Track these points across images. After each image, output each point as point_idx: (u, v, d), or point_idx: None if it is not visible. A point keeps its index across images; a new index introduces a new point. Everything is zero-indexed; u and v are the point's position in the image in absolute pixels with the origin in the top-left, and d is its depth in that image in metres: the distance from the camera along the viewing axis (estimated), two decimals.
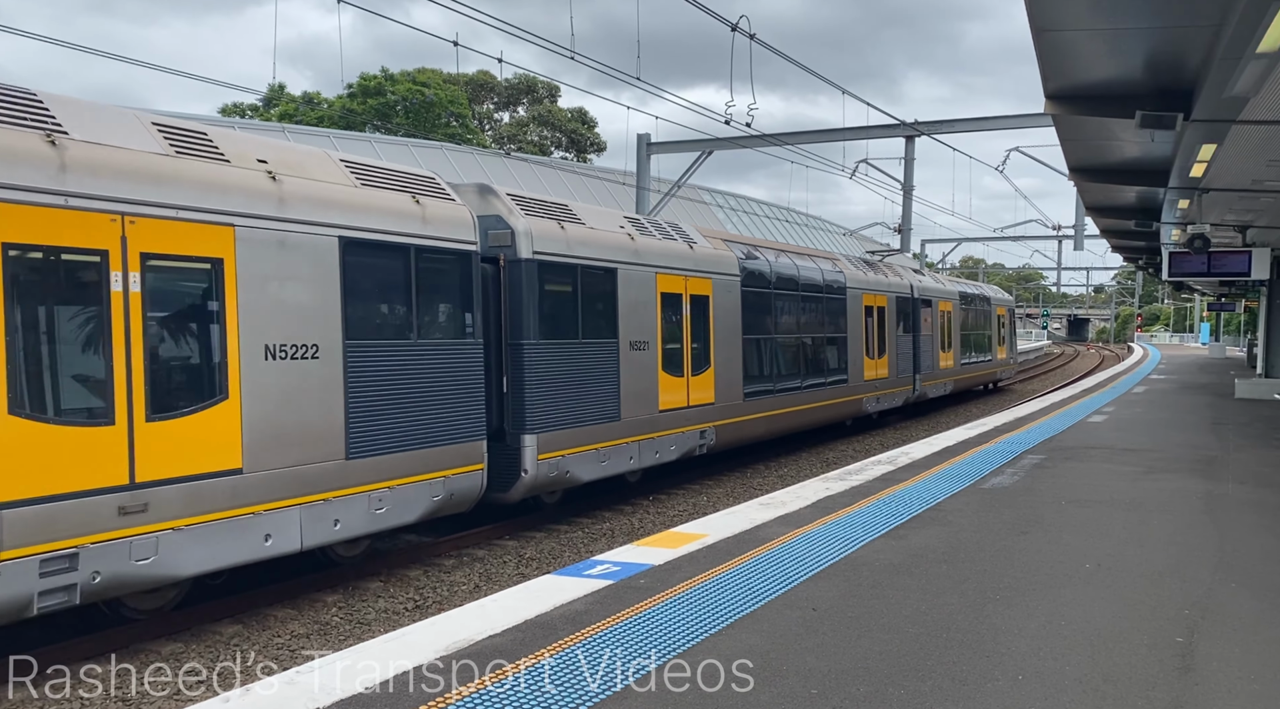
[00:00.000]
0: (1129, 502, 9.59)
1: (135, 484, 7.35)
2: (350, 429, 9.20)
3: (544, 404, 11.81)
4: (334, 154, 10.17)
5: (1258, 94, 8.62)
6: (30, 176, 6.81)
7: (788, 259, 19.44)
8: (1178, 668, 4.99)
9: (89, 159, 7.23)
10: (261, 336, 8.40)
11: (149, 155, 7.74)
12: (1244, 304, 49.55)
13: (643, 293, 13.96)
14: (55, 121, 7.25)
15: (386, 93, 49.88)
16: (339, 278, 9.14)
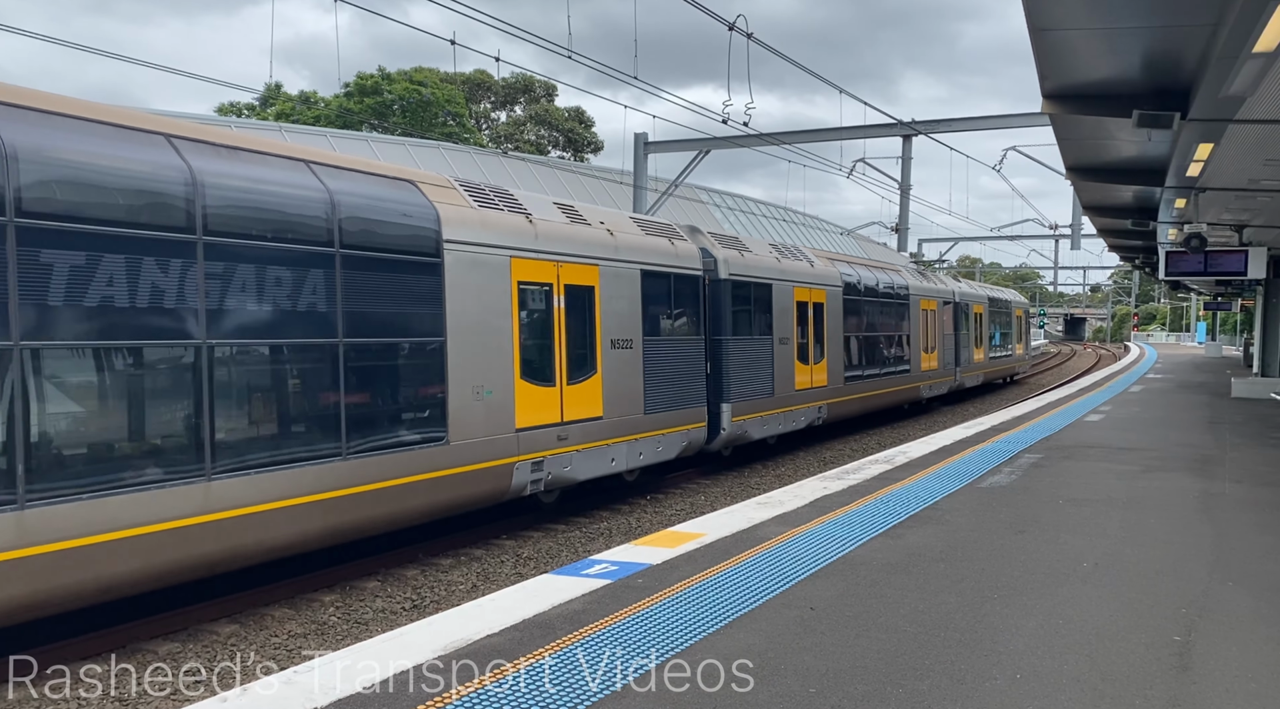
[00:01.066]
0: (1126, 501, 9.60)
1: (564, 422, 12.20)
2: (646, 394, 13.89)
3: (735, 382, 16.20)
4: (626, 212, 16.79)
5: (1255, 93, 8.64)
6: (525, 242, 11.72)
7: (869, 271, 23.80)
8: (1175, 666, 4.99)
9: (544, 232, 12.11)
10: (610, 334, 13.14)
11: (564, 225, 12.67)
12: (1240, 303, 49.65)
13: (785, 301, 18.27)
14: (527, 210, 12.11)
15: (383, 92, 49.86)
16: (640, 295, 13.81)
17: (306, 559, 9.43)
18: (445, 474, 10.33)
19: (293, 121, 42.23)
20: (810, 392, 19.20)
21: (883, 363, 23.40)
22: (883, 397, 23.51)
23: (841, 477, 11.12)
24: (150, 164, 7.82)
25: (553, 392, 12.03)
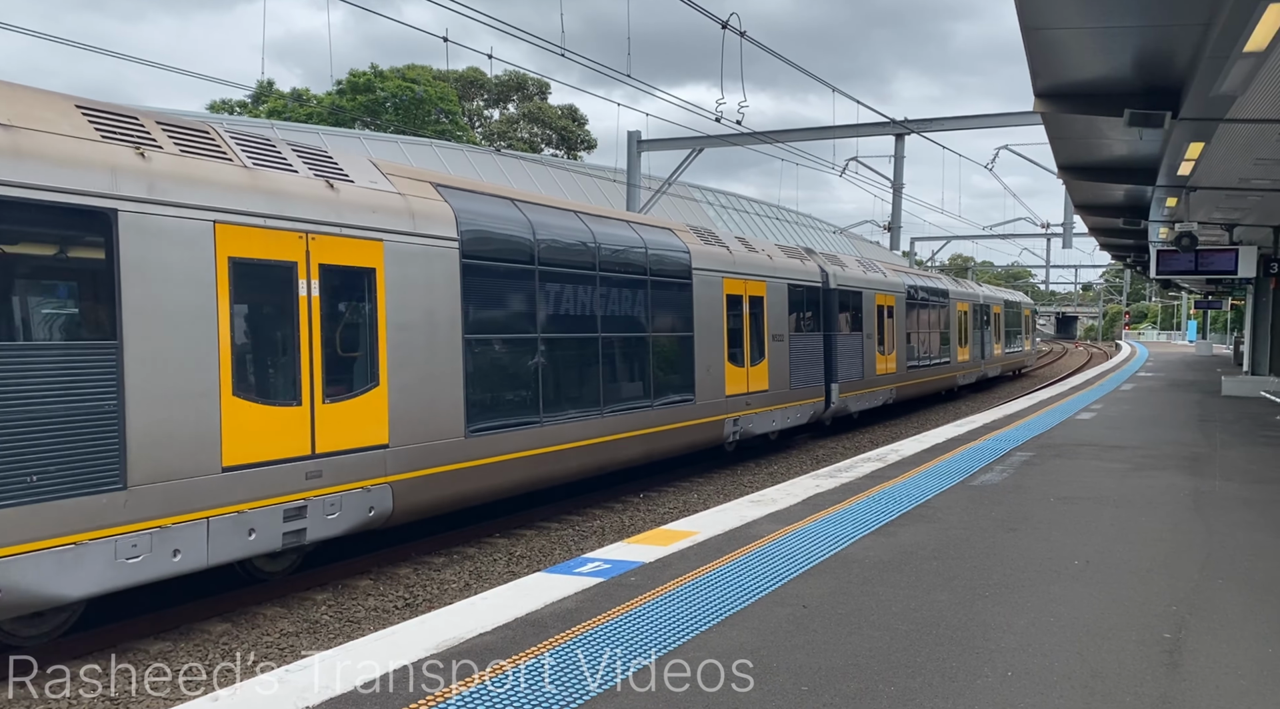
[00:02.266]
0: (1117, 498, 9.63)
1: (749, 392, 17.02)
2: (791, 375, 18.65)
3: (840, 368, 21.13)
4: (771, 241, 23.65)
5: (1245, 93, 8.68)
6: (729, 266, 16.69)
7: (922, 279, 29.29)
8: (1166, 664, 5.02)
9: (738, 259, 17.31)
10: (772, 330, 17.95)
11: (746, 253, 17.83)
12: (1230, 302, 49.85)
13: (870, 305, 23.32)
14: (727, 245, 17.43)
15: (376, 89, 49.74)
16: (786, 302, 18.63)
17: (304, 555, 9.41)
18: (693, 423, 15.48)
19: (285, 119, 42.11)
20: (886, 377, 24.29)
21: (932, 355, 28.67)
22: (933, 383, 28.95)
23: (834, 475, 11.14)
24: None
25: (743, 370, 17.02)
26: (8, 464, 6.60)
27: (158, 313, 7.61)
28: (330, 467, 8.98)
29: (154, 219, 7.61)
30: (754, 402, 17.25)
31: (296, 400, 8.75)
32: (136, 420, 7.37)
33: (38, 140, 7.03)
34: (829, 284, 20.96)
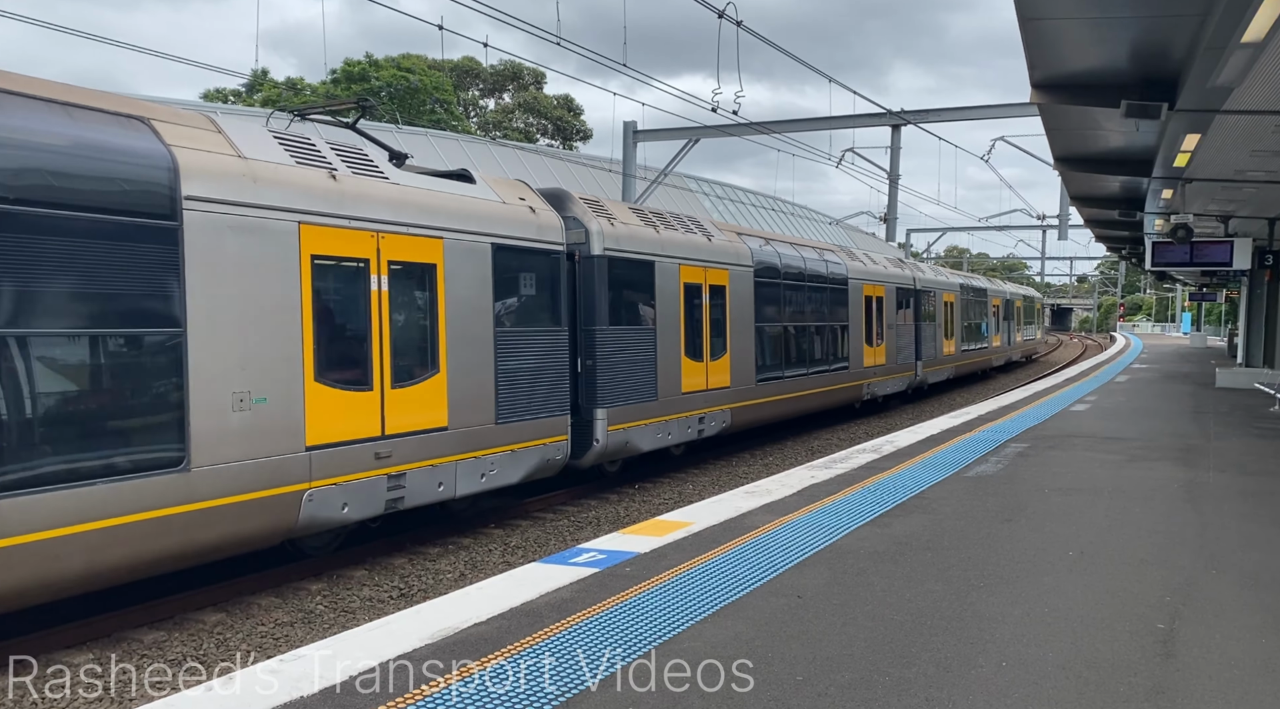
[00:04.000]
0: (1112, 490, 9.65)
1: (877, 366, 23.87)
2: (897, 355, 24.60)
3: (924, 350, 27.47)
4: (882, 253, 31.95)
5: (1242, 84, 8.67)
6: (866, 276, 24.11)
7: (971, 279, 37.31)
8: (1160, 654, 5.03)
9: (869, 271, 24.51)
10: (886, 321, 23.98)
11: (870, 265, 24.88)
12: (1225, 294, 49.93)
13: (940, 301, 29.67)
14: (860, 258, 24.86)
15: (371, 79, 49.55)
16: (895, 300, 24.92)
17: (301, 548, 9.39)
18: (846, 385, 21.90)
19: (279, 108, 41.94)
20: (949, 357, 30.82)
21: (976, 341, 34.95)
22: (977, 363, 35.27)
23: (829, 465, 11.15)
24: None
25: (874, 349, 23.39)
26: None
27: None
28: (950, 358, 30.29)
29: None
30: (877, 373, 23.75)
31: (949, 338, 29.80)
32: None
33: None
34: (916, 286, 27.28)
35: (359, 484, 9.20)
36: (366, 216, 9.38)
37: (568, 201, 13.17)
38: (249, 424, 8.17)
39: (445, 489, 10.33)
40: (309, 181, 8.95)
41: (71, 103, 7.37)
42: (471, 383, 10.63)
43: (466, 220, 10.65)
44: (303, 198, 8.80)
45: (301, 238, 8.75)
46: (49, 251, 6.92)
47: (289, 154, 8.98)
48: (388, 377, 9.55)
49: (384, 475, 9.46)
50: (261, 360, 8.32)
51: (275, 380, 8.45)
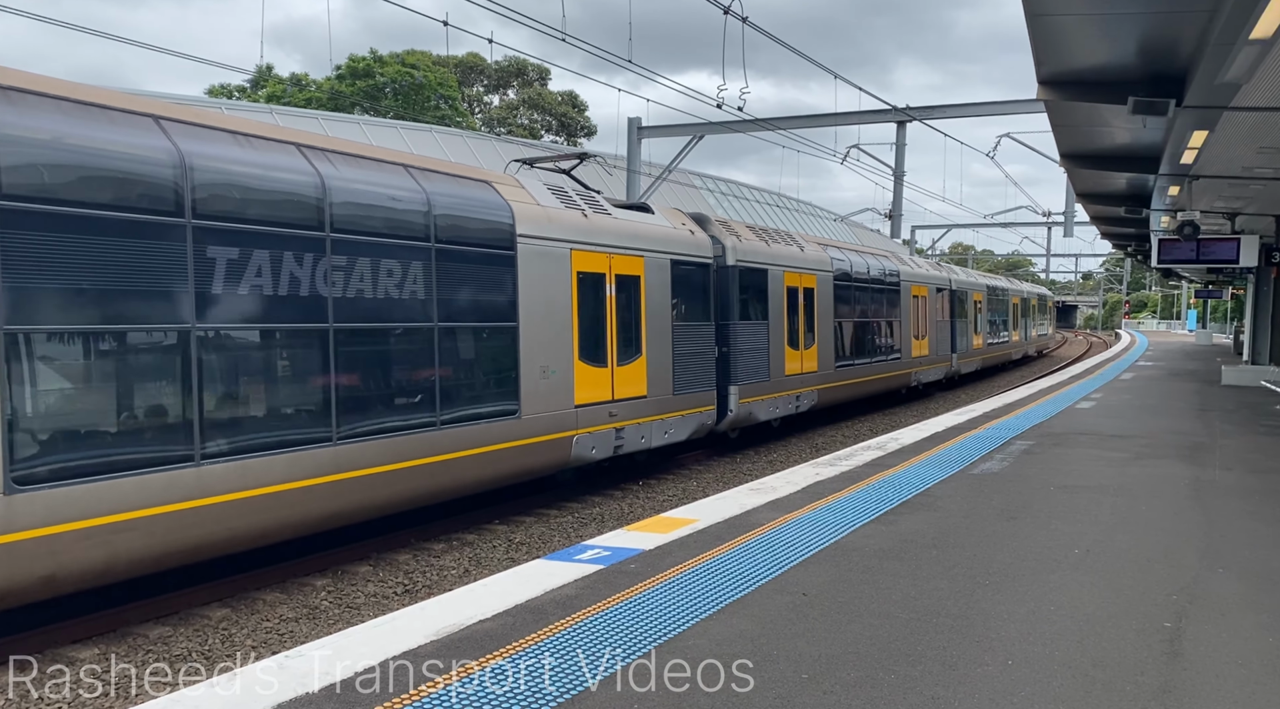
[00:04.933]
0: (1117, 488, 9.62)
1: (982, 349, 35.03)
2: (939, 347, 28.83)
3: (959, 345, 30.89)
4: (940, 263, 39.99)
5: (1250, 80, 8.62)
6: (961, 284, 32.83)
7: (1017, 284, 44.17)
8: (1166, 653, 5.01)
9: (962, 279, 33.41)
10: (918, 323, 26.73)
11: (969, 277, 35.85)
12: (1231, 291, 49.75)
13: (970, 300, 32.96)
14: (949, 274, 31.79)
15: (375, 75, 49.53)
16: (947, 301, 30.09)
17: (299, 543, 9.40)
18: (899, 373, 25.31)
19: (284, 104, 41.94)
20: (977, 351, 33.98)
21: (1000, 334, 38.56)
22: (1001, 357, 39.16)
23: (834, 463, 11.13)
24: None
25: (920, 342, 26.98)
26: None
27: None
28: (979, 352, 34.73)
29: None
30: (923, 363, 27.45)
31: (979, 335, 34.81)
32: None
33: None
34: (951, 286, 30.79)
35: (600, 433, 12.94)
36: (604, 242, 13.04)
37: (708, 223, 16.81)
38: (547, 388, 11.84)
39: (645, 441, 13.91)
40: (574, 220, 12.61)
41: (454, 174, 11.23)
42: (659, 364, 14.24)
43: (655, 242, 14.29)
44: (571, 231, 12.40)
45: (572, 259, 12.36)
46: (461, 274, 10.64)
47: (559, 201, 12.65)
48: (615, 357, 13.28)
49: (613, 428, 13.19)
50: (553, 344, 12.01)
51: (559, 358, 12.11)
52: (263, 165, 8.61)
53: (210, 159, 8.09)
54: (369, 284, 9.46)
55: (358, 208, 9.41)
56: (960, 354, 31.33)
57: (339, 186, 9.20)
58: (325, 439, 8.91)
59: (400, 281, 9.83)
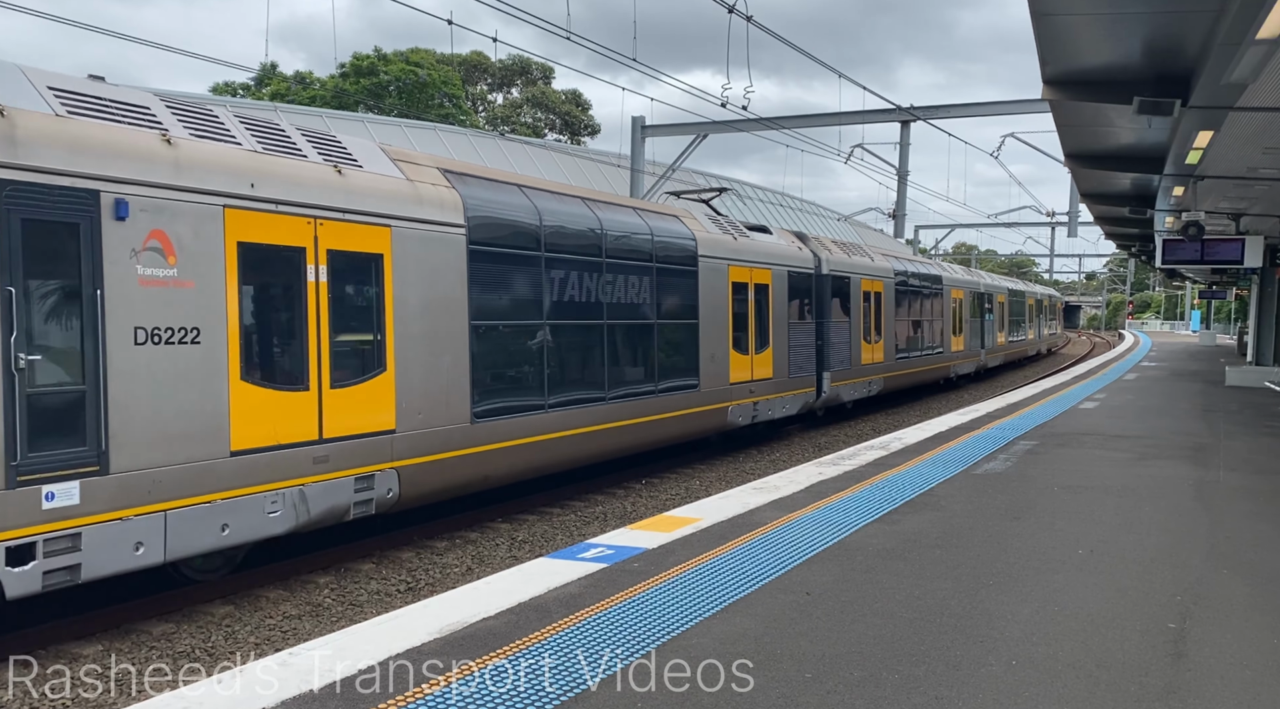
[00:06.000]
0: (1121, 488, 9.61)
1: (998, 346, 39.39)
2: (972, 342, 32.92)
3: (986, 340, 34.64)
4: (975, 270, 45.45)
5: (1256, 80, 8.59)
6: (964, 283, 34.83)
7: (1013, 284, 44.06)
8: (1170, 654, 5.00)
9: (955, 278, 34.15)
10: (955, 322, 30.50)
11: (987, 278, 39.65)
12: (1235, 292, 49.64)
13: (994, 301, 36.56)
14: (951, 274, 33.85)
15: (379, 73, 49.54)
16: (968, 303, 32.34)
17: (301, 541, 9.41)
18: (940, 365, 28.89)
19: (288, 102, 41.95)
20: (1001, 348, 38.10)
21: (1015, 333, 41.70)
22: (1022, 352, 43.50)
23: (837, 462, 11.12)
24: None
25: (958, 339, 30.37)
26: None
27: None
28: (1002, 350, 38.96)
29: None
30: (959, 357, 31.12)
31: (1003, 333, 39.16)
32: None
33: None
34: (981, 289, 34.80)
35: (745, 405, 16.90)
36: (747, 259, 17.19)
37: (807, 239, 20.98)
38: (714, 369, 15.86)
39: (770, 413, 17.94)
40: (729, 242, 16.79)
41: (660, 211, 15.65)
42: (781, 353, 18.24)
43: (776, 257, 18.41)
44: (727, 251, 16.51)
45: (729, 272, 16.42)
46: (669, 285, 14.71)
47: (718, 228, 16.99)
48: (754, 347, 17.24)
49: (752, 402, 17.17)
50: (717, 336, 15.93)
51: (720, 347, 16.04)
52: (571, 214, 12.83)
53: (549, 212, 12.25)
54: (622, 293, 13.61)
55: (617, 240, 13.57)
56: (987, 350, 35.09)
57: (608, 227, 13.47)
58: (601, 399, 13.09)
59: (638, 291, 13.99)
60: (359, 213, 9.37)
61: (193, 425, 7.82)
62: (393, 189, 9.90)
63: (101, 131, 7.44)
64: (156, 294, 7.59)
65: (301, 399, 8.77)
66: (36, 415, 6.83)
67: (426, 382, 10.11)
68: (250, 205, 8.35)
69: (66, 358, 7.14)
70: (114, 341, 7.30)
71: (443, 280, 10.43)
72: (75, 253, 7.12)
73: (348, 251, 9.27)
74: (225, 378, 8.13)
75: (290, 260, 8.76)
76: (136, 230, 7.43)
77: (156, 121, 7.96)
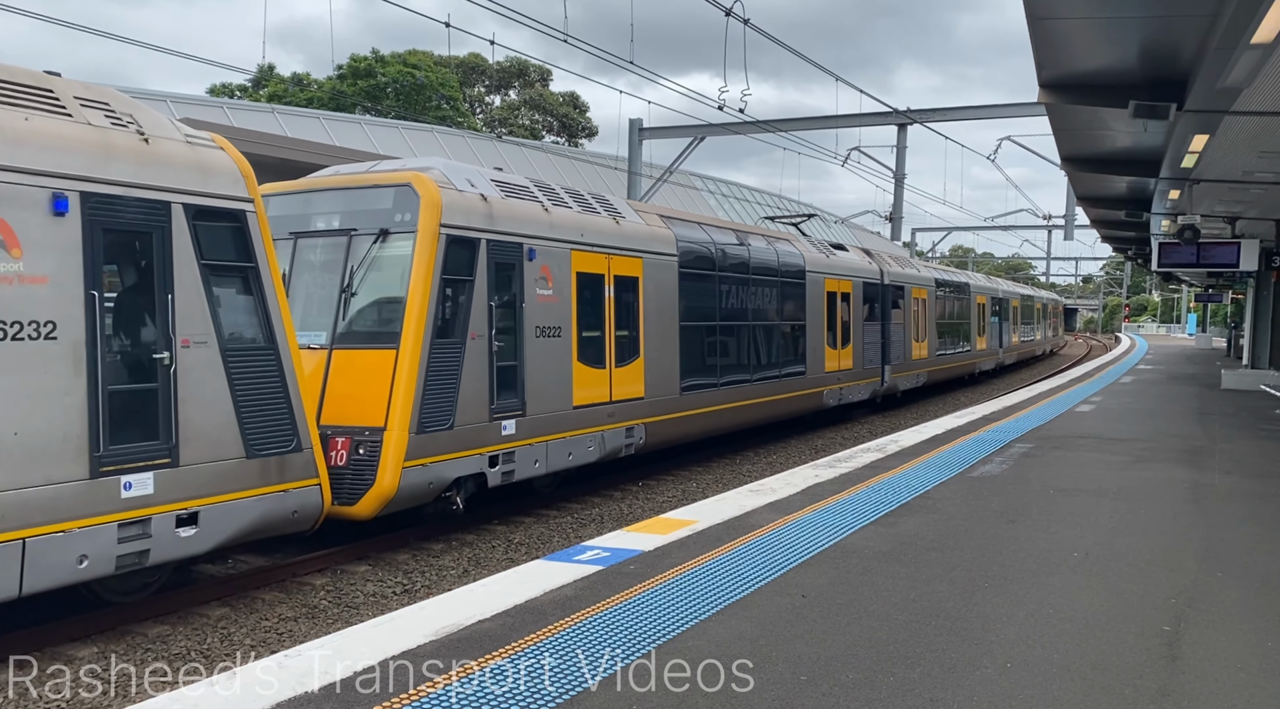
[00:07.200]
0: (1117, 491, 9.63)
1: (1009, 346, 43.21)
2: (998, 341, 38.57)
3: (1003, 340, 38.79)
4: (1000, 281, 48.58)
5: (1251, 85, 8.63)
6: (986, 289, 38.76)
7: (1025, 290, 48.41)
8: (1165, 656, 5.01)
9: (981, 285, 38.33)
10: (980, 324, 34.47)
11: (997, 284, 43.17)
12: (1231, 295, 49.73)
13: (1009, 306, 39.90)
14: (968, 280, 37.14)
15: (377, 75, 49.54)
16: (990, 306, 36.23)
17: (298, 542, 9.41)
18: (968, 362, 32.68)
19: (285, 103, 41.95)
20: (1015, 347, 41.48)
21: (1031, 334, 46.43)
22: (1031, 351, 46.80)
23: (833, 465, 11.14)
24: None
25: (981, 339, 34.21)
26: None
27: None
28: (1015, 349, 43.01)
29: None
30: (981, 355, 34.75)
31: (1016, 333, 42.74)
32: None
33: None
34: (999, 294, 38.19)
35: (834, 389, 20.87)
36: (836, 272, 21.24)
37: (873, 254, 25.09)
38: (814, 360, 19.78)
39: (849, 397, 21.85)
40: (823, 259, 20.92)
41: (777, 236, 19.72)
42: (858, 348, 22.20)
43: (853, 270, 22.37)
44: (822, 266, 20.55)
45: (825, 282, 20.42)
46: (786, 294, 18.81)
47: (815, 248, 21.13)
48: (839, 343, 21.05)
49: (839, 388, 21.13)
50: (816, 334, 19.89)
51: (818, 342, 20.03)
52: (729, 242, 16.99)
53: (718, 241, 16.59)
54: (759, 301, 17.65)
55: (756, 261, 17.66)
56: (1004, 349, 39.01)
57: (751, 250, 17.63)
58: (747, 380, 17.14)
59: (768, 299, 18.03)
60: (628, 249, 13.63)
61: (557, 391, 12.07)
62: (642, 232, 14.22)
63: (522, 207, 11.84)
64: (543, 306, 11.86)
65: (602, 374, 13.06)
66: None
67: (659, 364, 14.35)
68: (582, 247, 12.58)
69: (510, 340, 11.39)
70: (527, 334, 11.54)
71: (666, 294, 14.62)
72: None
73: (623, 275, 13.48)
74: (570, 359, 12.31)
75: (598, 282, 12.94)
76: (537, 267, 11.78)
77: (536, 197, 12.39)
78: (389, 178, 10.90)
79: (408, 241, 10.33)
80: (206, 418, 7.85)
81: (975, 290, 33.97)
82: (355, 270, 10.47)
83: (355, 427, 9.82)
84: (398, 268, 10.34)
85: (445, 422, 10.30)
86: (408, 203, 10.45)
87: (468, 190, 11.07)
